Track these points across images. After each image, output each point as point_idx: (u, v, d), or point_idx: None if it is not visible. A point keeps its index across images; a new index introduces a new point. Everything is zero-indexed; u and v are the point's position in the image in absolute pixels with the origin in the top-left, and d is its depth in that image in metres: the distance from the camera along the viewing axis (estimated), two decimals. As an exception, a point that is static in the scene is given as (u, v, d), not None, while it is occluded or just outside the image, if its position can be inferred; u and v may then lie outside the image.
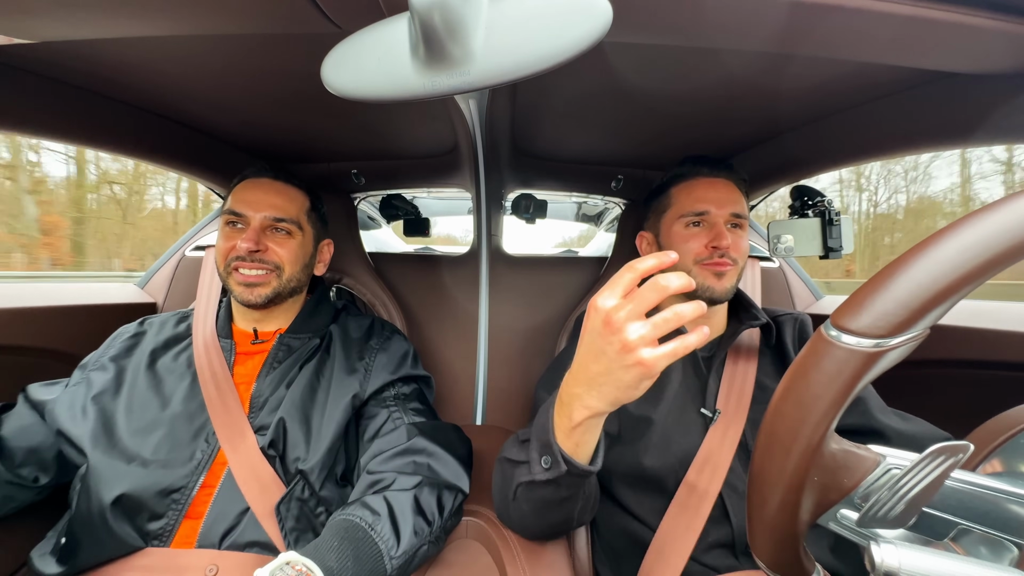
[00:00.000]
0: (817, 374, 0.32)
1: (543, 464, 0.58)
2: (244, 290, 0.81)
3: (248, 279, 0.81)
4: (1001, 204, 0.29)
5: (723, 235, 0.79)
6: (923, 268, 0.29)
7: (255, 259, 0.81)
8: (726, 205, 0.81)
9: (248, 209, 0.82)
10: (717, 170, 0.84)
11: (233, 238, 0.81)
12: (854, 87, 0.73)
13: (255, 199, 0.83)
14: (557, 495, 0.61)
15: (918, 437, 0.71)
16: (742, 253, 0.82)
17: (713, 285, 0.79)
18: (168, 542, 0.68)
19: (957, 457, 0.31)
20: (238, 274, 0.81)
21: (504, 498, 0.69)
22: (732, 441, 0.75)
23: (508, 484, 0.67)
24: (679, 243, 0.83)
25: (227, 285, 0.83)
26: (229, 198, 0.86)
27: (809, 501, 0.34)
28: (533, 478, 0.59)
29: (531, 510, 0.66)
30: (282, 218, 0.84)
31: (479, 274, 1.40)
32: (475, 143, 0.98)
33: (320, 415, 0.78)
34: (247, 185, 0.86)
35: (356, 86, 0.42)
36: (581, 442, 0.56)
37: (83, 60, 0.69)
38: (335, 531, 0.61)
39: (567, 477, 0.57)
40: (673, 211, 0.85)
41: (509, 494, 0.67)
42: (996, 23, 0.47)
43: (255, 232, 0.81)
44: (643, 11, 0.49)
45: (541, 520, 0.69)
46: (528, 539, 0.76)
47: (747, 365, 0.82)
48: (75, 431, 0.73)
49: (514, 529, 0.75)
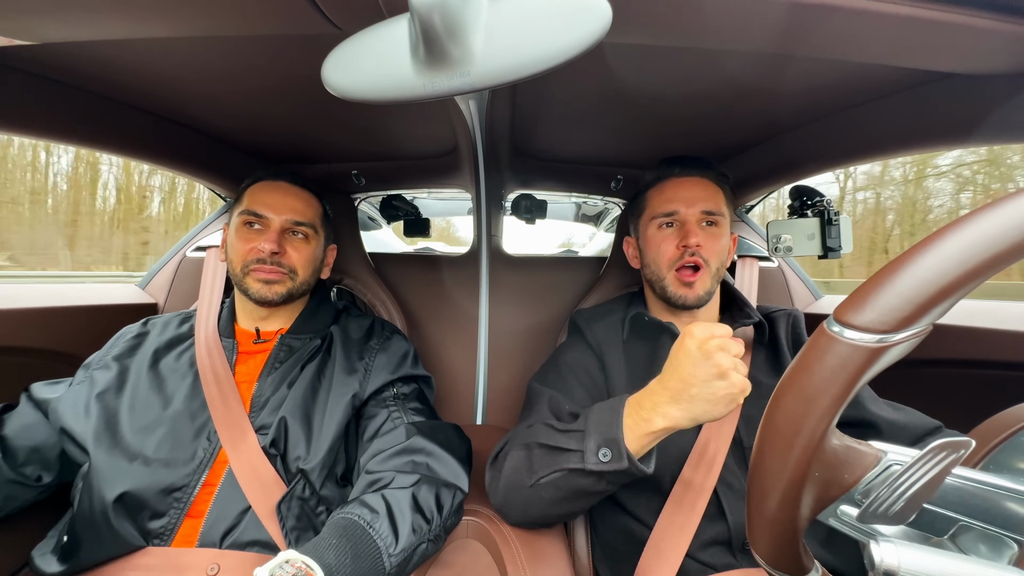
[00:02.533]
0: (820, 369, 0.31)
1: (600, 456, 0.61)
2: (263, 287, 0.82)
3: (267, 276, 0.82)
4: (1005, 201, 0.29)
5: (692, 233, 0.79)
6: (926, 264, 0.29)
7: (273, 261, 0.81)
8: (696, 203, 0.80)
9: (269, 211, 0.83)
10: (688, 168, 0.84)
11: (252, 239, 0.82)
12: (854, 87, 0.73)
13: (275, 202, 0.84)
14: (596, 487, 0.63)
15: (910, 426, 0.71)
16: (714, 252, 0.80)
17: (685, 294, 0.80)
18: (169, 541, 0.68)
19: (959, 453, 0.31)
20: (256, 272, 0.82)
21: (518, 482, 0.69)
22: (726, 438, 0.75)
23: (536, 469, 0.67)
24: (652, 247, 0.83)
25: (243, 284, 0.83)
26: (245, 198, 0.85)
27: (809, 497, 0.34)
28: (584, 467, 0.62)
29: (553, 498, 0.66)
30: (301, 222, 0.85)
31: (479, 274, 1.40)
32: (475, 144, 0.98)
33: (321, 415, 0.79)
34: (265, 187, 0.86)
35: (356, 87, 0.43)
36: (646, 447, 0.61)
37: (83, 61, 0.69)
38: (334, 529, 0.61)
39: (620, 474, 0.61)
40: (647, 214, 0.86)
41: (531, 479, 0.67)
42: (996, 23, 0.48)
43: (276, 234, 0.82)
44: (643, 12, 0.49)
45: (556, 509, 0.69)
46: (522, 526, 0.76)
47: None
48: (78, 429, 0.73)
49: (510, 513, 0.74)
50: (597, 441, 0.62)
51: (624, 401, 0.64)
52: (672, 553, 0.70)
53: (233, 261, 0.83)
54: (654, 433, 0.60)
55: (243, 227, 0.83)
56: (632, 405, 0.62)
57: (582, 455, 0.62)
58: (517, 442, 0.72)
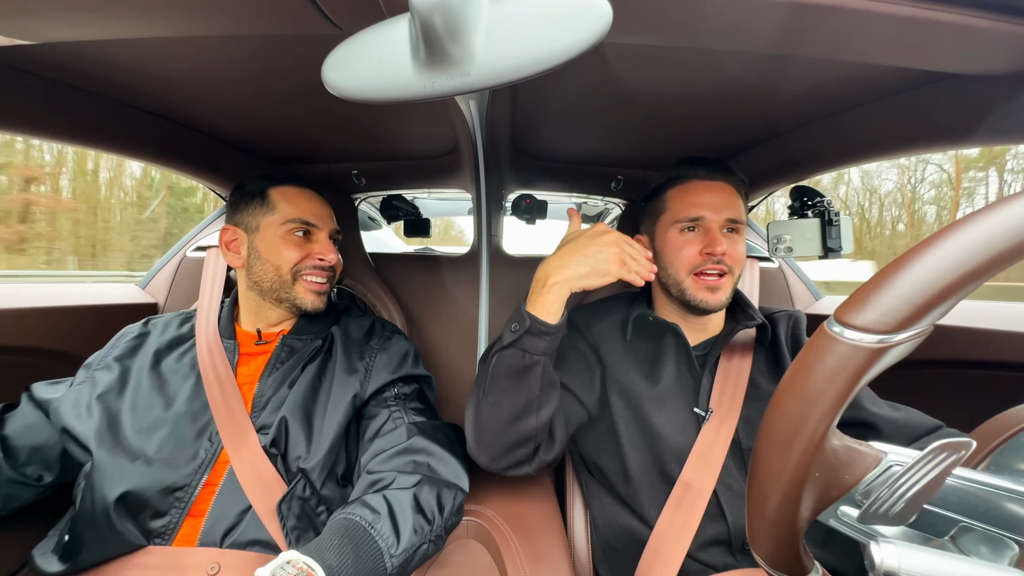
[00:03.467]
0: (820, 370, 0.31)
1: (511, 330, 0.68)
2: (316, 298, 0.86)
3: (321, 287, 0.87)
4: (1005, 202, 0.29)
5: (718, 241, 0.77)
6: (927, 265, 0.29)
7: (328, 267, 0.88)
8: (722, 210, 0.79)
9: (320, 221, 0.88)
10: (714, 173, 0.82)
11: (304, 247, 0.85)
12: (854, 88, 0.73)
13: (320, 212, 0.89)
14: (523, 362, 0.67)
15: (909, 424, 0.71)
16: (738, 260, 0.80)
17: (707, 298, 0.79)
18: (170, 540, 0.69)
19: (959, 454, 0.31)
20: (308, 281, 0.85)
21: (476, 407, 0.72)
22: (725, 439, 0.75)
23: (479, 382, 0.72)
24: (674, 250, 0.81)
25: (288, 291, 0.84)
26: (281, 205, 0.85)
27: (810, 498, 0.34)
28: (502, 345, 0.68)
29: (497, 397, 0.69)
30: (339, 230, 0.93)
31: (479, 274, 1.40)
32: (475, 144, 0.98)
33: (321, 415, 0.79)
34: (303, 196, 0.88)
35: (357, 87, 0.43)
36: (546, 309, 0.67)
37: (83, 61, 0.69)
38: (335, 530, 0.61)
39: (531, 337, 0.67)
40: (668, 216, 0.83)
41: (480, 393, 0.71)
42: (996, 23, 0.48)
43: (330, 243, 0.89)
44: (643, 12, 0.49)
45: (507, 410, 0.68)
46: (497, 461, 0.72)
47: (741, 363, 0.82)
48: (80, 429, 0.73)
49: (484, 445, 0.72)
50: (509, 322, 0.69)
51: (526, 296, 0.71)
52: (672, 553, 0.70)
53: (281, 267, 0.84)
54: (549, 292, 0.67)
55: (292, 235, 0.85)
56: (533, 283, 0.70)
57: (500, 340, 0.70)
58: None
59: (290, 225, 0.84)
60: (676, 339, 0.83)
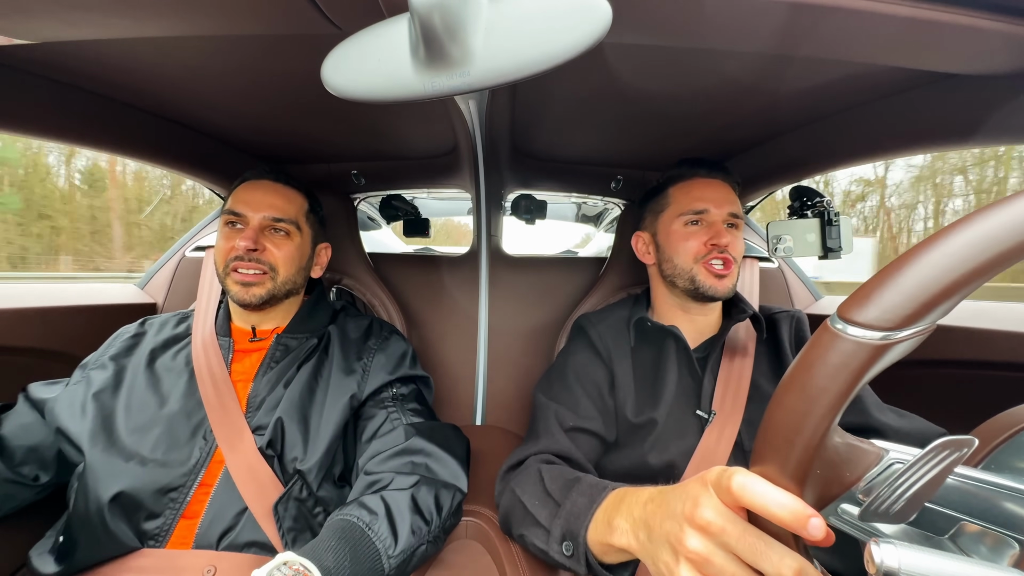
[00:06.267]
0: (822, 366, 0.31)
1: (564, 550, 0.56)
2: (241, 289, 0.81)
3: (246, 278, 0.80)
4: (1010, 200, 0.29)
5: (722, 233, 0.81)
6: (931, 262, 0.29)
7: (252, 258, 0.80)
8: (724, 205, 0.83)
9: (247, 209, 0.82)
10: (714, 171, 0.87)
11: (232, 238, 0.82)
12: (854, 88, 0.73)
13: (254, 199, 0.84)
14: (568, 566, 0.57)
15: (915, 434, 0.71)
16: (739, 252, 0.84)
17: (715, 285, 0.81)
18: (164, 542, 0.68)
19: (961, 452, 0.31)
20: (236, 274, 0.81)
21: (505, 524, 0.70)
22: (728, 441, 0.75)
23: (515, 524, 0.67)
24: (678, 241, 0.84)
25: (225, 285, 0.83)
26: (229, 199, 0.86)
27: (810, 495, 0.34)
28: (548, 552, 0.58)
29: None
30: (280, 218, 0.84)
31: (479, 275, 1.40)
32: (475, 144, 0.98)
33: (318, 415, 0.78)
34: (247, 186, 0.86)
35: (356, 87, 0.43)
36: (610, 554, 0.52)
37: (83, 61, 0.69)
38: (332, 531, 0.61)
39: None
40: (671, 210, 0.87)
41: (515, 531, 0.67)
42: (996, 23, 0.48)
43: (254, 231, 0.81)
44: (643, 12, 0.49)
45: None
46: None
47: (743, 365, 0.82)
48: (74, 429, 0.73)
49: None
50: (562, 529, 0.57)
51: (605, 494, 0.56)
52: None
53: (217, 262, 0.83)
54: (611, 546, 0.49)
55: (225, 227, 0.83)
56: (611, 501, 0.53)
57: (547, 538, 0.59)
58: (516, 479, 0.71)
59: (223, 218, 0.84)
60: (676, 342, 0.84)
